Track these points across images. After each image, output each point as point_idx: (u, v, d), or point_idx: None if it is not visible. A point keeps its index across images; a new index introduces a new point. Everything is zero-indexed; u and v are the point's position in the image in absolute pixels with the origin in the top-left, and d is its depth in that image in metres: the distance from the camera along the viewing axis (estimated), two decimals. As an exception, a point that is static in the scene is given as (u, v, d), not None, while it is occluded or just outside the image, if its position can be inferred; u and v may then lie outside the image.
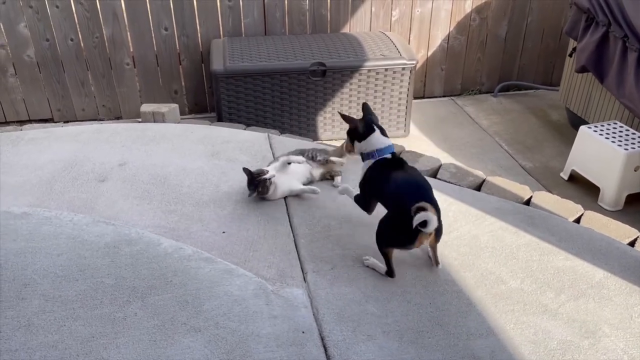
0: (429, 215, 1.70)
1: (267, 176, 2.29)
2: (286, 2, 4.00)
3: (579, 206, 2.44)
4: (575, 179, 3.36)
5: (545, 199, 2.48)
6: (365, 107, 2.12)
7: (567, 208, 2.43)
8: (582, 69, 3.43)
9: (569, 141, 3.41)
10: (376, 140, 2.03)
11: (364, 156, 2.08)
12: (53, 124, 4.00)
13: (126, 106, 4.11)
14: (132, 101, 4.10)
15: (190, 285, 1.80)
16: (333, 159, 2.54)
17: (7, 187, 2.46)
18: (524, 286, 1.92)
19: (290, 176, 2.41)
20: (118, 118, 4.13)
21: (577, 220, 2.36)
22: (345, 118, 2.07)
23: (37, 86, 3.94)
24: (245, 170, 2.34)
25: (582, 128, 3.23)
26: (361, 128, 2.05)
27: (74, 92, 4.00)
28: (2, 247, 1.91)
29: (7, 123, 3.99)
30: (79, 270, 1.83)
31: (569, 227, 2.27)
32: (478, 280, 1.94)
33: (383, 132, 2.05)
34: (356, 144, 2.08)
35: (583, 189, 3.27)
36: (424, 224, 1.72)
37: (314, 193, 2.40)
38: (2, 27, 3.72)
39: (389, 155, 2.02)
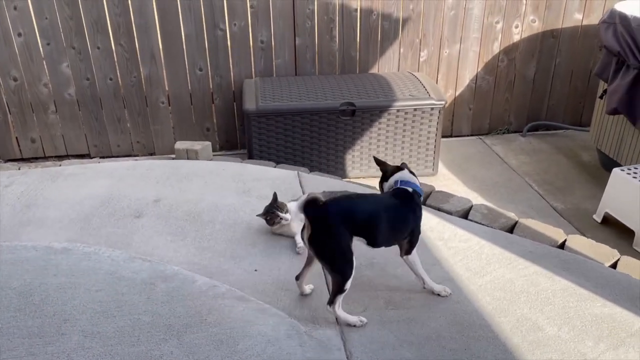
0: None
1: (281, 215, 2.37)
2: (317, 43, 4.11)
3: (615, 251, 2.40)
4: (609, 221, 3.30)
5: (579, 243, 2.45)
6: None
7: (602, 252, 2.38)
8: (613, 111, 3.42)
9: (601, 182, 3.37)
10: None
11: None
12: (90, 159, 4.13)
13: (159, 142, 4.23)
14: (165, 138, 4.21)
15: (224, 324, 1.82)
16: None
17: (48, 221, 2.53)
18: (561, 334, 1.88)
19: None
20: (151, 154, 4.24)
21: (614, 266, 2.31)
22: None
23: (76, 123, 4.09)
24: (275, 195, 2.43)
25: (615, 170, 3.19)
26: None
27: (111, 129, 4.14)
28: (44, 282, 1.96)
29: (46, 158, 4.13)
30: (117, 306, 1.86)
31: (605, 273, 2.22)
32: (514, 327, 1.91)
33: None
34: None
35: (617, 232, 3.21)
36: None
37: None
38: (45, 66, 3.90)
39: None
